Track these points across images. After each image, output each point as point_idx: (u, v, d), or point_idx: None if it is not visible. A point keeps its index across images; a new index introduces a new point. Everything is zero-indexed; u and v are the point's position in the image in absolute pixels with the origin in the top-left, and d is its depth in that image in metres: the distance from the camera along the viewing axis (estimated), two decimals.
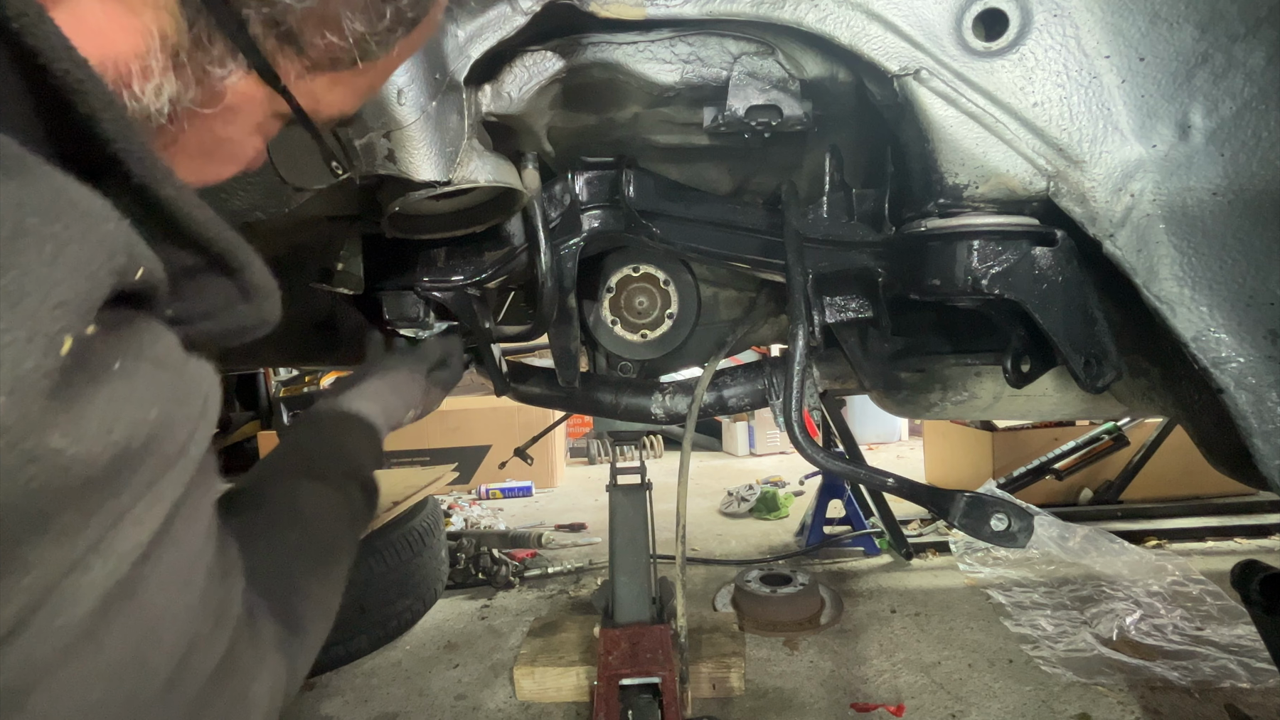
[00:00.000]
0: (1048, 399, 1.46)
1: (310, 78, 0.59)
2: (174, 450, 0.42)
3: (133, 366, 0.40)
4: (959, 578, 3.19)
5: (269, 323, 0.55)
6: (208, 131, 0.57)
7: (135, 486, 0.40)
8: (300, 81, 0.58)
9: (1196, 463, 1.30)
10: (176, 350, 0.45)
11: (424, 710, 2.39)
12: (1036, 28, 0.92)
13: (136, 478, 0.40)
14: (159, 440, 0.41)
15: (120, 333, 0.40)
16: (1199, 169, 0.90)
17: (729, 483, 4.88)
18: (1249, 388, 0.90)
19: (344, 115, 0.67)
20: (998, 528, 1.03)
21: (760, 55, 1.05)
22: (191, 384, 0.45)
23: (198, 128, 0.56)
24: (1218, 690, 2.21)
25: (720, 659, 2.39)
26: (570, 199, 1.30)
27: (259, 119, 0.60)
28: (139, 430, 0.39)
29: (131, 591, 0.41)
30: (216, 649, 0.50)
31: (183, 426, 0.43)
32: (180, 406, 0.43)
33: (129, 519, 0.40)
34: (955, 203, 1.00)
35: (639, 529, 2.26)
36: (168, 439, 0.42)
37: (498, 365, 1.53)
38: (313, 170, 0.70)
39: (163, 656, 0.45)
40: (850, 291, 1.34)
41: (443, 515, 3.39)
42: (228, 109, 0.56)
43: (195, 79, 0.53)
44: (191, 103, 0.54)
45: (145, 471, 0.40)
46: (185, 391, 0.44)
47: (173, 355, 0.44)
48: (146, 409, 0.40)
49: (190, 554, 0.46)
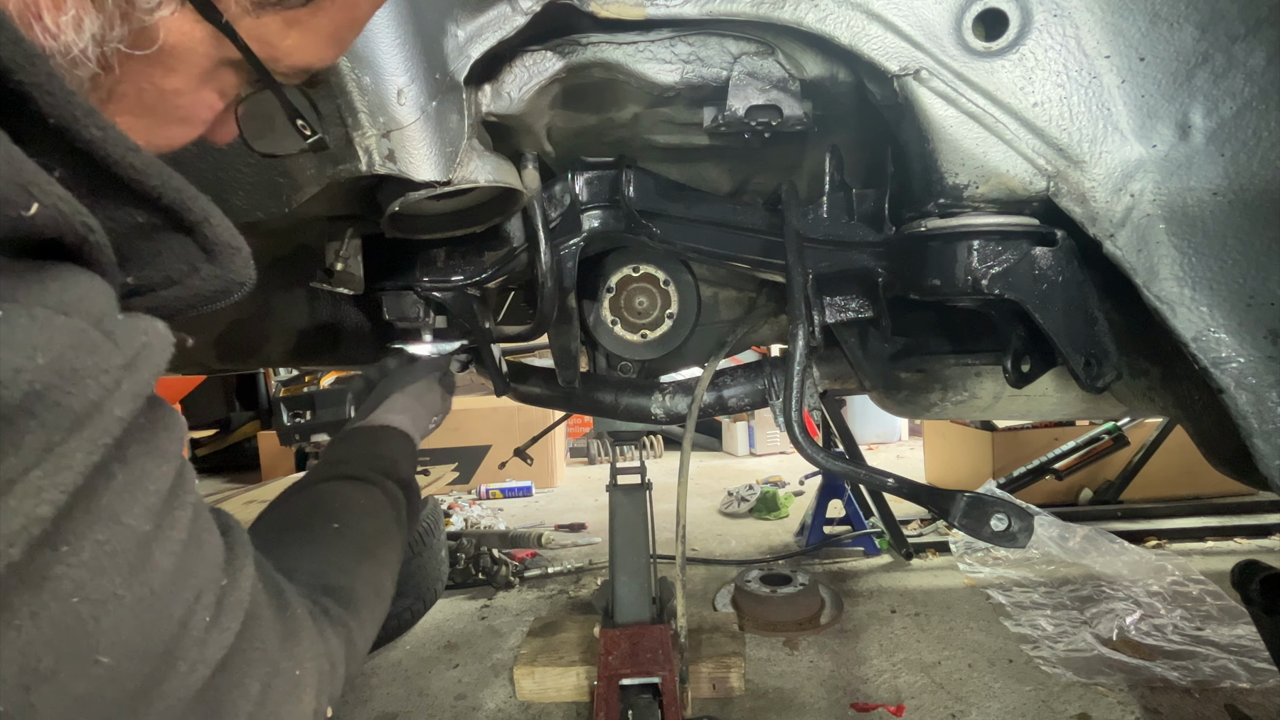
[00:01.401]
0: (1048, 399, 1.46)
1: (257, 16, 0.53)
2: (81, 406, 0.35)
3: (17, 311, 0.34)
4: (959, 578, 3.19)
5: (242, 284, 0.49)
6: (148, 81, 0.51)
7: (23, 449, 0.33)
8: (246, 20, 0.52)
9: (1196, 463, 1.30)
10: (97, 299, 0.38)
11: (424, 710, 2.39)
12: (1036, 28, 0.92)
13: (25, 439, 0.33)
14: (53, 393, 0.34)
15: (13, 279, 0.35)
16: (1199, 169, 0.90)
17: (729, 483, 4.88)
18: (1249, 388, 0.90)
19: (309, 67, 0.60)
20: (998, 528, 1.03)
21: (760, 55, 1.05)
22: (110, 334, 0.38)
23: (135, 76, 0.50)
24: (1218, 690, 2.21)
25: (720, 659, 2.39)
26: (570, 199, 1.30)
27: (204, 65, 0.53)
28: (14, 380, 0.33)
29: (42, 582, 0.34)
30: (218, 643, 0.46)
31: (94, 378, 0.36)
32: (89, 355, 0.36)
33: (18, 489, 0.33)
34: (955, 203, 1.00)
35: (639, 529, 2.26)
36: (69, 392, 0.35)
37: (498, 365, 1.53)
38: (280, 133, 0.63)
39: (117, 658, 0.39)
40: (850, 291, 1.34)
41: (443, 515, 3.39)
42: (165, 52, 0.50)
43: (119, 12, 0.47)
44: (121, 43, 0.48)
45: (38, 431, 0.33)
46: (98, 340, 0.37)
47: (87, 302, 0.37)
48: (28, 357, 0.33)
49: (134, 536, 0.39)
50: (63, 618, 0.35)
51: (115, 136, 0.41)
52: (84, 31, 0.46)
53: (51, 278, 0.36)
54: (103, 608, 0.37)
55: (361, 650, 0.70)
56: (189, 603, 0.43)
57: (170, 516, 0.42)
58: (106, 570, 0.37)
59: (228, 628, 0.47)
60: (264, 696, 0.50)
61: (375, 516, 0.87)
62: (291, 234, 1.31)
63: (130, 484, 0.39)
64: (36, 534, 0.34)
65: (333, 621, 0.65)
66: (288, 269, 1.41)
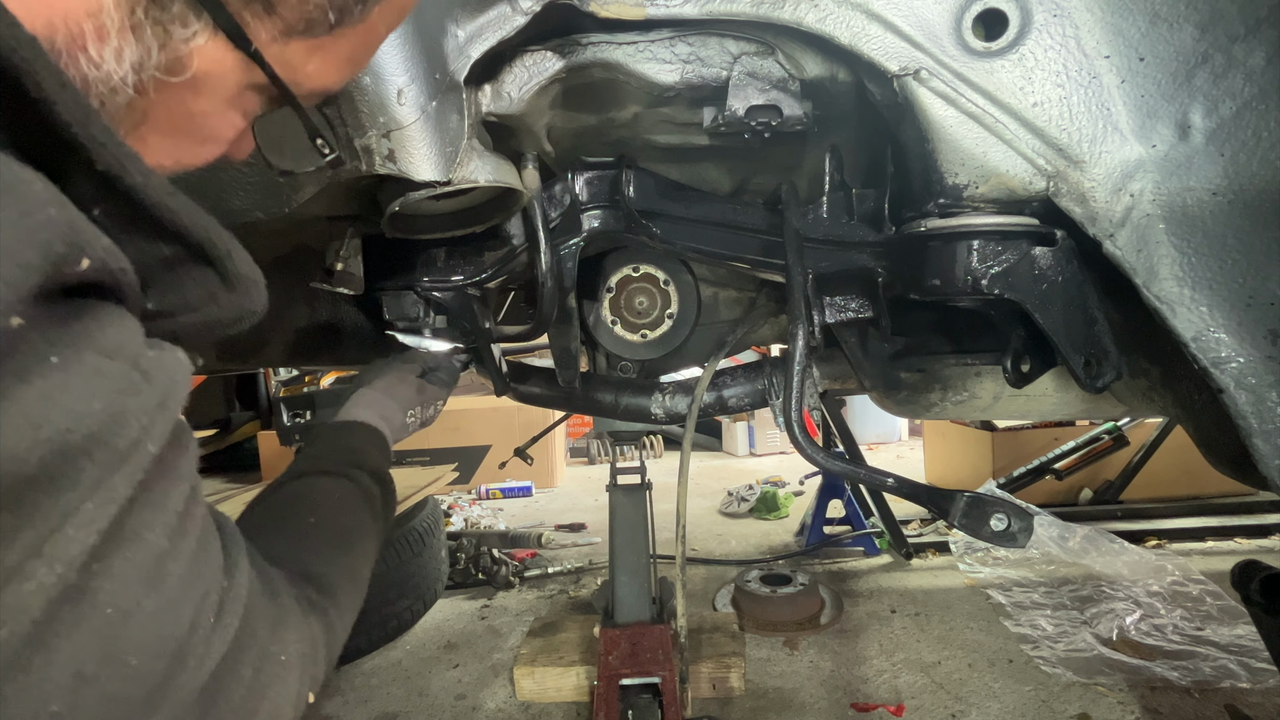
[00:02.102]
0: (1048, 399, 1.46)
1: (284, 43, 0.56)
2: (125, 444, 0.40)
3: (73, 358, 0.37)
4: (959, 578, 3.19)
5: (255, 313, 0.52)
6: (179, 104, 0.54)
7: (80, 486, 0.37)
8: (274, 47, 0.55)
9: (1196, 463, 1.30)
10: (133, 339, 0.42)
11: (424, 710, 2.39)
12: (1036, 28, 0.92)
13: (82, 476, 0.37)
14: (105, 435, 0.38)
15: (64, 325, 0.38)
16: (1199, 169, 0.90)
17: (729, 483, 4.88)
18: (1249, 388, 0.90)
19: (327, 90, 0.63)
20: (998, 528, 1.02)
21: (760, 55, 1.05)
22: (147, 374, 0.42)
23: (168, 100, 0.53)
24: (1218, 690, 2.21)
25: (720, 659, 2.39)
26: (570, 199, 1.30)
27: (233, 89, 0.56)
28: (78, 425, 0.37)
29: (83, 596, 0.38)
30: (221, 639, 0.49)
31: (135, 419, 0.40)
32: (132, 398, 0.40)
33: (74, 520, 0.37)
34: (955, 203, 1.00)
35: (639, 529, 2.26)
36: (117, 433, 0.39)
37: (498, 365, 1.53)
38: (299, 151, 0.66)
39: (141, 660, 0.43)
40: (850, 291, 1.34)
41: (443, 515, 3.39)
42: (197, 77, 0.53)
43: (158, 42, 0.50)
44: (157, 70, 0.50)
45: (91, 469, 0.38)
46: (138, 382, 0.41)
47: (127, 345, 0.41)
48: (87, 403, 0.37)
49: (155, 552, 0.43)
50: (101, 627, 0.40)
51: (156, 183, 0.44)
52: (124, 61, 0.49)
53: (92, 319, 0.39)
54: (130, 616, 0.41)
55: (341, 636, 0.72)
56: (197, 605, 0.47)
57: (183, 530, 0.46)
58: (132, 584, 0.41)
59: (229, 624, 0.50)
60: (254, 680, 0.53)
61: (348, 507, 0.89)
62: (291, 234, 1.31)
63: (153, 506, 0.43)
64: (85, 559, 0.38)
65: (313, 607, 0.67)
66: (288, 269, 1.41)
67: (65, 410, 0.36)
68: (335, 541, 0.81)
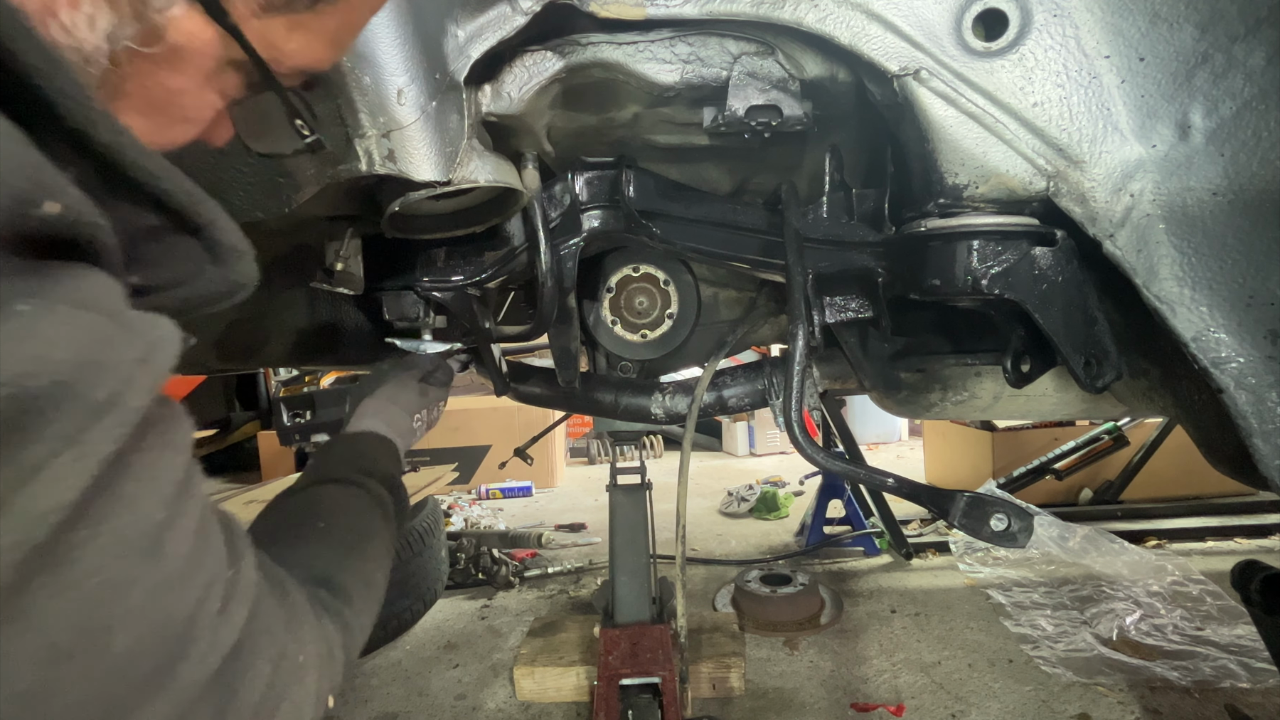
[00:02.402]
0: (1048, 399, 1.46)
1: (265, 18, 0.54)
2: (102, 397, 0.37)
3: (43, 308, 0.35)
4: (959, 578, 3.19)
5: (245, 286, 0.50)
6: (155, 80, 0.52)
7: (46, 438, 0.34)
8: (254, 22, 0.54)
9: (1196, 463, 1.30)
10: (110, 294, 0.39)
11: (424, 710, 2.39)
12: (1036, 28, 0.92)
13: (50, 428, 0.34)
14: (77, 385, 0.36)
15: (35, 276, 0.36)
16: (1199, 169, 0.90)
17: (729, 483, 4.88)
18: (1249, 388, 0.90)
19: (308, 69, 0.61)
20: (998, 528, 1.02)
21: (760, 55, 1.05)
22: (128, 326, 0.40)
23: (143, 74, 0.51)
24: (1218, 690, 2.21)
25: (720, 659, 2.39)
26: (570, 199, 1.30)
27: (210, 65, 0.54)
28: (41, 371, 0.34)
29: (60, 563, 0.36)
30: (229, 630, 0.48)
31: (113, 371, 0.38)
32: (108, 349, 0.38)
33: (43, 475, 0.34)
34: (955, 203, 1.00)
35: (639, 529, 2.26)
36: (92, 384, 0.36)
37: (498, 365, 1.53)
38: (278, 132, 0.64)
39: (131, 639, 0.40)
40: (850, 291, 1.34)
41: (443, 515, 3.39)
42: (173, 51, 0.51)
43: (132, 10, 0.48)
44: (131, 40, 0.49)
45: (61, 421, 0.35)
46: (115, 334, 0.38)
47: (104, 299, 0.39)
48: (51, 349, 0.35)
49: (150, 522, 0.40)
50: (81, 599, 0.37)
51: (130, 141, 0.42)
52: (97, 29, 0.47)
53: (68, 275, 0.37)
54: (119, 590, 0.39)
55: (359, 638, 0.72)
56: (200, 591, 0.45)
57: (182, 507, 0.43)
58: (123, 555, 0.39)
59: (236, 615, 0.49)
60: (273, 678, 0.52)
61: (359, 514, 0.88)
62: (291, 234, 1.31)
63: (146, 473, 0.40)
64: (60, 519, 0.35)
65: (327, 609, 0.66)
66: (288, 269, 1.41)
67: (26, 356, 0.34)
68: (346, 546, 0.81)
